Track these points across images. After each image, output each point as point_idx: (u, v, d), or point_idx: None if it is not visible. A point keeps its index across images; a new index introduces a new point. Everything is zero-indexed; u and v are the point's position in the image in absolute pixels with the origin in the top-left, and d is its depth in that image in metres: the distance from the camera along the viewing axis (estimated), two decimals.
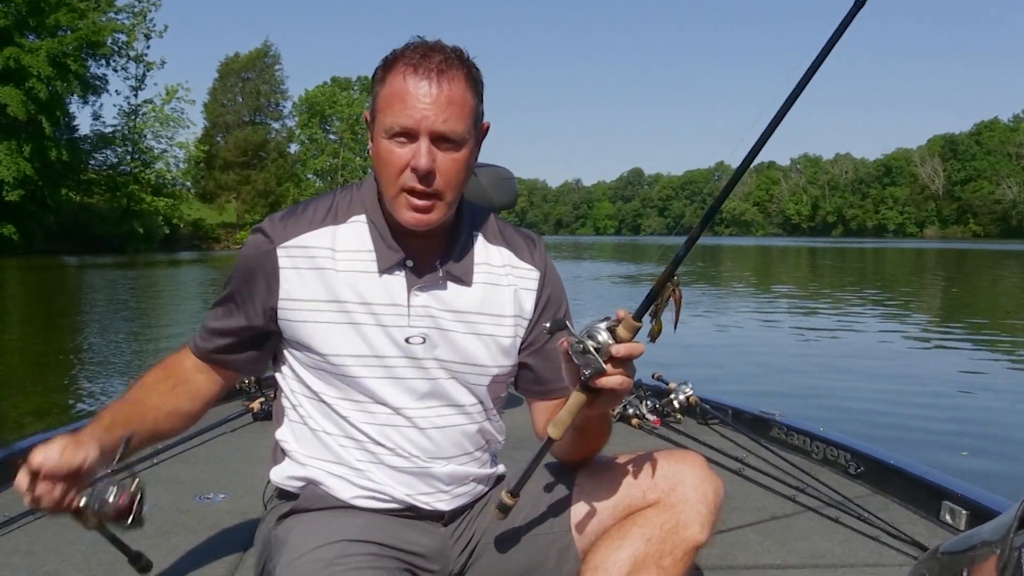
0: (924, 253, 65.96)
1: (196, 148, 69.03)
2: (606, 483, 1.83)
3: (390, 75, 1.69)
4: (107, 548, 1.81)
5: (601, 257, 54.80)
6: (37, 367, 10.73)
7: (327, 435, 1.83)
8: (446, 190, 1.70)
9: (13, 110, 45.17)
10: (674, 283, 1.62)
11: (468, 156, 1.72)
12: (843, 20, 1.63)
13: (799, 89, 1.63)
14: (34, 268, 34.78)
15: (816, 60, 1.63)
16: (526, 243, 1.93)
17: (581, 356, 1.56)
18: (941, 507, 3.06)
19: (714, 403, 4.45)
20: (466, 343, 1.82)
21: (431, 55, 1.67)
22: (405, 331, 1.77)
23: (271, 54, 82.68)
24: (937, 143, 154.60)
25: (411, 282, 1.78)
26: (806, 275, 35.75)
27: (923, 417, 7.62)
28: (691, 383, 4.52)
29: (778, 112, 1.64)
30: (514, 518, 1.87)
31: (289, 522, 1.82)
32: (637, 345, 1.58)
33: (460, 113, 1.67)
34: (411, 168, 1.66)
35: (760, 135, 1.65)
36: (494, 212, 1.96)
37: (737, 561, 2.76)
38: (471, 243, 1.86)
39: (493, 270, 1.87)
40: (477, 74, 1.73)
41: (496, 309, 1.85)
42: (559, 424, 1.66)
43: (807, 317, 17.02)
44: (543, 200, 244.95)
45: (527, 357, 1.90)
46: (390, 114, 1.67)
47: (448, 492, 1.86)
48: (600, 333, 1.55)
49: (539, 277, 1.91)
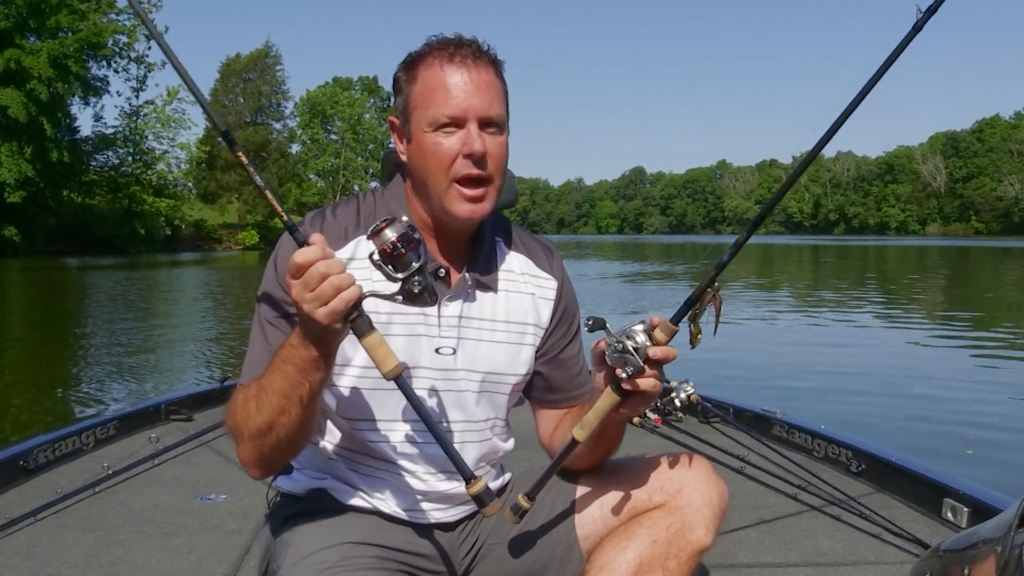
0: (926, 250, 65.90)
1: (197, 149, 68.90)
2: (611, 485, 1.83)
3: (422, 71, 1.69)
4: (107, 549, 1.81)
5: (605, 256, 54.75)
6: (38, 368, 10.74)
7: (336, 449, 1.82)
8: (495, 175, 1.70)
9: (14, 112, 45.19)
10: (715, 289, 1.63)
11: (506, 141, 1.73)
12: (899, 44, 1.65)
13: (871, 85, 1.65)
14: (36, 269, 34.81)
15: (868, 83, 1.65)
16: (544, 252, 1.93)
17: (620, 356, 1.57)
18: (943, 504, 3.06)
19: (715, 402, 4.45)
20: (491, 352, 1.81)
21: (463, 46, 1.69)
22: (436, 342, 1.76)
23: (272, 54, 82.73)
24: (939, 140, 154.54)
25: (441, 292, 1.76)
26: (808, 273, 35.74)
27: (926, 414, 7.62)
28: (692, 381, 4.51)
29: (848, 107, 1.65)
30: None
31: (293, 523, 1.81)
32: (672, 349, 1.59)
33: (499, 97, 1.70)
34: (464, 155, 1.66)
35: (832, 124, 1.65)
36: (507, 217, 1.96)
37: (739, 559, 2.76)
38: (494, 249, 1.86)
39: (514, 277, 1.87)
40: (501, 64, 1.75)
41: (517, 317, 1.85)
42: (587, 426, 1.66)
43: (809, 315, 17.03)
44: (545, 199, 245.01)
45: (541, 366, 1.90)
46: (433, 106, 1.66)
47: (457, 507, 1.86)
48: (638, 335, 1.56)
49: (557, 287, 1.91)
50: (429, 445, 1.73)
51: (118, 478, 3.51)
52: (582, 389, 1.92)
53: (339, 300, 1.44)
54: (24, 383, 9.67)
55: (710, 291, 1.62)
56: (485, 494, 1.59)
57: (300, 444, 1.70)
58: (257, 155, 76.64)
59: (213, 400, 4.75)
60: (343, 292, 1.44)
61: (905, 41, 1.64)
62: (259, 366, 1.65)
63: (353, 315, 1.48)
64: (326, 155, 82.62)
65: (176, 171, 66.00)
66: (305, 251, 1.45)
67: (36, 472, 3.53)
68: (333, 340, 1.52)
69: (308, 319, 1.46)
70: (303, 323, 1.49)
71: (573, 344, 1.93)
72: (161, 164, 63.92)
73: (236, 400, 1.67)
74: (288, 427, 1.60)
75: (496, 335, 1.82)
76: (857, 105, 1.64)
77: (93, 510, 3.23)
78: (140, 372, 10.20)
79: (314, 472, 1.85)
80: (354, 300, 1.46)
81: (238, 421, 1.65)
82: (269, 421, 1.59)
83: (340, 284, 1.44)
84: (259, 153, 76.97)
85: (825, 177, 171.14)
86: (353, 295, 1.45)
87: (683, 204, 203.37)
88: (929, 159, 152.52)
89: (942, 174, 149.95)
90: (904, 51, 1.64)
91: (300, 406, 1.57)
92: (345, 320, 1.48)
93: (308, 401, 1.57)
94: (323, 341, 1.50)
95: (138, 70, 61.19)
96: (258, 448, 1.65)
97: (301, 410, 1.57)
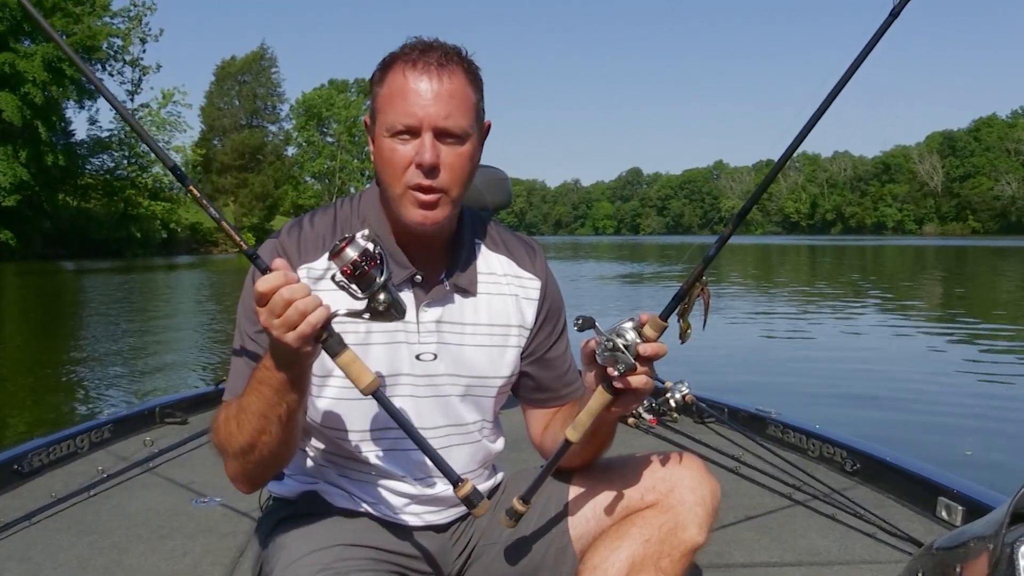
0: (923, 250, 65.99)
1: (193, 152, 68.97)
2: (604, 485, 1.83)
3: (389, 74, 1.68)
4: (102, 552, 1.81)
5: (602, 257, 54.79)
6: (35, 372, 10.73)
7: (327, 456, 1.82)
8: (451, 186, 1.67)
9: (9, 115, 45.10)
10: (703, 283, 1.62)
11: (472, 152, 1.70)
12: (876, 32, 1.63)
13: (838, 88, 1.63)
14: (32, 273, 34.80)
15: (847, 73, 1.63)
16: (527, 251, 1.92)
17: (611, 355, 1.56)
18: (937, 503, 3.06)
19: (710, 402, 4.44)
20: (474, 356, 1.81)
21: (429, 52, 1.66)
22: (416, 348, 1.76)
23: (267, 57, 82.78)
24: (935, 140, 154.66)
25: (419, 298, 1.76)
26: (805, 273, 35.78)
27: (922, 414, 7.62)
28: (687, 381, 4.50)
29: (830, 93, 1.63)
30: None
31: (286, 526, 1.81)
32: (662, 345, 1.59)
33: (462, 107, 1.66)
34: (416, 164, 1.64)
35: (816, 110, 1.64)
36: (492, 217, 1.95)
37: (733, 559, 2.77)
38: (474, 252, 1.85)
39: (496, 279, 1.86)
40: (476, 70, 1.72)
41: (500, 319, 1.84)
42: (579, 426, 1.66)
43: (805, 315, 17.04)
44: (542, 201, 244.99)
45: (528, 366, 1.90)
46: (391, 112, 1.65)
47: (449, 509, 1.86)
48: (628, 332, 1.56)
49: (540, 287, 1.90)
50: (415, 451, 1.70)
51: (113, 481, 3.51)
52: (571, 387, 1.92)
53: (306, 324, 1.44)
54: (19, 387, 9.67)
55: (698, 285, 1.62)
56: (473, 495, 1.60)
57: (284, 460, 1.72)
58: (252, 158, 76.67)
59: (208, 403, 4.75)
60: (309, 316, 1.44)
61: (883, 28, 1.63)
62: (240, 382, 1.66)
63: (323, 336, 1.48)
64: (322, 157, 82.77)
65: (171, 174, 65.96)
66: (267, 279, 1.45)
67: (30, 476, 3.53)
68: (305, 362, 1.53)
69: (278, 344, 1.47)
70: (274, 347, 1.50)
71: (559, 343, 1.93)
72: (156, 167, 63.83)
73: (219, 419, 1.69)
74: (270, 445, 1.61)
75: (479, 339, 1.81)
76: (837, 93, 1.63)
77: (88, 513, 3.23)
78: (135, 375, 10.19)
79: (305, 477, 1.85)
80: (321, 323, 1.46)
81: (222, 439, 1.67)
82: (251, 440, 1.60)
83: (305, 309, 1.44)
84: (255, 156, 76.99)
85: (822, 177, 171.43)
86: (320, 318, 1.45)
87: (680, 205, 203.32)
88: (926, 158, 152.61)
89: (939, 173, 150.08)
90: (882, 38, 1.62)
91: (279, 425, 1.58)
92: (316, 341, 1.48)
93: (287, 420, 1.58)
94: (295, 364, 1.51)
95: (133, 73, 61.14)
96: (243, 465, 1.67)
97: (281, 429, 1.59)
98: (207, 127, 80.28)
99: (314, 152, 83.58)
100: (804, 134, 1.63)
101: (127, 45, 58.59)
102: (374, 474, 1.80)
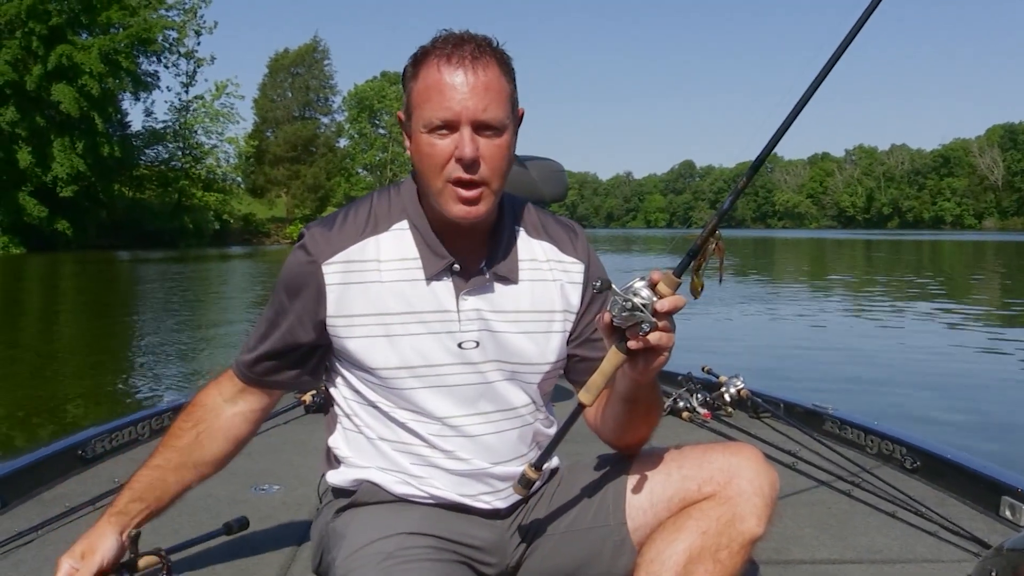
0: (983, 245, 64.72)
1: (246, 143, 69.80)
2: (661, 476, 1.82)
3: (423, 69, 1.69)
4: (164, 538, 1.85)
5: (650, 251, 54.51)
6: (93, 359, 10.91)
7: (383, 442, 1.83)
8: (492, 178, 1.69)
9: (66, 107, 45.93)
10: (716, 237, 1.59)
11: (509, 142, 1.71)
12: (861, 16, 1.62)
13: (818, 81, 1.65)
14: (87, 262, 35.39)
15: (831, 58, 1.64)
16: (568, 235, 1.92)
17: (629, 315, 1.54)
18: (1000, 502, 3.00)
19: (766, 396, 4.39)
20: (518, 342, 1.81)
21: (463, 44, 1.67)
22: (457, 336, 1.77)
23: (320, 49, 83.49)
24: (996, 133, 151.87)
25: (459, 287, 1.77)
26: (860, 268, 35.27)
27: (985, 412, 7.49)
28: (742, 376, 4.46)
29: (822, 68, 1.65)
30: (570, 511, 1.88)
31: (347, 516, 1.83)
32: (680, 298, 1.55)
33: (498, 99, 1.67)
34: (456, 158, 1.65)
35: (809, 86, 1.67)
36: (532, 203, 1.94)
37: (793, 556, 2.73)
38: (514, 240, 1.85)
39: (538, 265, 1.86)
40: (508, 60, 1.73)
41: (544, 305, 1.84)
42: (592, 388, 1.65)
43: (861, 310, 16.82)
44: (594, 193, 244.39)
45: (576, 348, 1.90)
46: (428, 107, 1.66)
47: (504, 491, 1.86)
48: (642, 291, 1.54)
49: (583, 269, 1.90)
50: (471, 436, 1.78)
51: None
52: None
53: None
54: (79, 374, 9.84)
55: (712, 239, 1.59)
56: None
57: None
58: (305, 149, 77.35)
59: None
60: None
61: (872, 5, 1.61)
62: (256, 347, 1.88)
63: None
64: (374, 149, 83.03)
65: (225, 165, 66.81)
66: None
67: (93, 462, 3.57)
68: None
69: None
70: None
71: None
72: (210, 158, 64.79)
73: (178, 419, 1.99)
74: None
75: (522, 325, 1.82)
76: (827, 73, 1.65)
77: None
78: (193, 362, 10.34)
79: (362, 464, 1.86)
80: None
81: (167, 435, 2.00)
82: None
83: None
84: (307, 147, 77.68)
85: (879, 170, 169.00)
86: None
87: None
88: (986, 152, 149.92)
89: (999, 167, 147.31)
90: (872, 14, 1.61)
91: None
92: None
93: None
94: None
95: (188, 65, 61.99)
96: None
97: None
98: (260, 119, 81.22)
99: (366, 144, 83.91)
100: (798, 110, 1.67)
101: (182, 37, 59.40)
102: (432, 459, 1.81)
